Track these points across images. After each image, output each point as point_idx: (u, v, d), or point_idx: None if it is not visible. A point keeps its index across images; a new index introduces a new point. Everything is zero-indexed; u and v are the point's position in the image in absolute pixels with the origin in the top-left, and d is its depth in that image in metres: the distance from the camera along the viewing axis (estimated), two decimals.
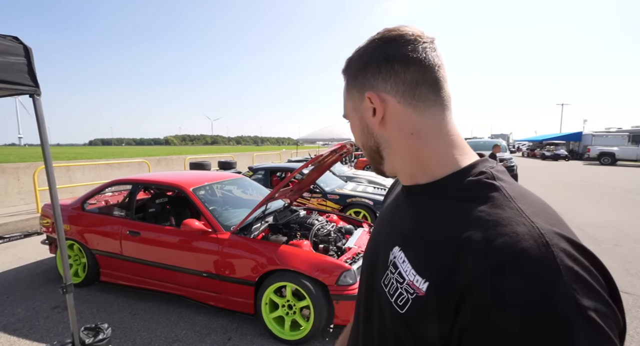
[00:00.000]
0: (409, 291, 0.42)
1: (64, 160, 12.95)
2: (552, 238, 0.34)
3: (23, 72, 1.73)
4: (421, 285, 0.41)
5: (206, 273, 2.59)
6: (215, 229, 2.63)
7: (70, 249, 3.28)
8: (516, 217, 0.37)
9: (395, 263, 0.47)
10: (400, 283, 0.44)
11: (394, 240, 0.50)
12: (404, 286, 0.43)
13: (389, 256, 0.50)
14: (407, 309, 0.42)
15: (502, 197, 0.41)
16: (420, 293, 0.41)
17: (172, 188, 3.24)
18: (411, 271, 0.43)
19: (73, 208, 3.31)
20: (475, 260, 0.36)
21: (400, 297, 0.44)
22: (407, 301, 0.42)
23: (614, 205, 7.05)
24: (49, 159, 1.81)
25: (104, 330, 2.08)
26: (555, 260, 0.32)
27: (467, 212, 0.41)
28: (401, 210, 0.53)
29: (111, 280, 3.10)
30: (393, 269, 0.47)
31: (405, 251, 0.46)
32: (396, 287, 0.45)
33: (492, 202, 0.40)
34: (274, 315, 2.39)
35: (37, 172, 5.84)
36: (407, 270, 0.44)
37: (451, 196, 0.45)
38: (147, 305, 2.87)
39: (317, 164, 3.02)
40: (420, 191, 0.49)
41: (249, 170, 6.17)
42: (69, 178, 7.67)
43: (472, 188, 0.44)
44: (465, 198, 0.43)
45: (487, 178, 0.44)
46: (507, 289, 0.32)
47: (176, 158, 12.17)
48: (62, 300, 2.91)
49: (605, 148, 19.71)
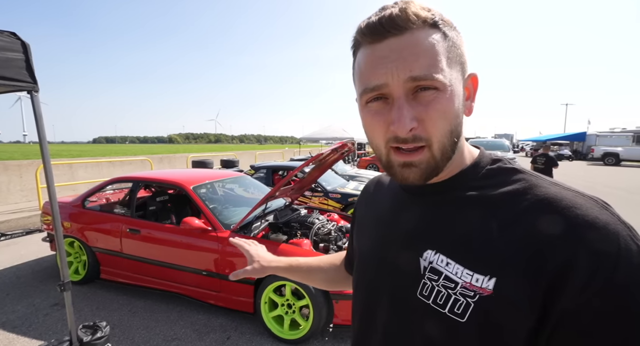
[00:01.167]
0: (467, 294, 0.38)
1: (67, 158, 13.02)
2: (598, 200, 0.38)
3: (21, 68, 1.71)
4: (484, 283, 0.37)
5: (206, 271, 2.57)
6: (215, 227, 2.61)
7: (70, 247, 3.28)
8: (564, 190, 0.39)
9: (436, 269, 0.42)
10: (452, 288, 0.40)
11: (418, 244, 0.45)
12: (459, 291, 0.39)
13: (418, 263, 0.44)
14: (469, 315, 0.38)
15: (534, 177, 0.42)
16: (485, 292, 0.37)
17: (172, 186, 3.22)
18: (464, 271, 0.39)
19: (74, 205, 3.30)
20: (558, 240, 0.35)
21: (456, 305, 0.39)
22: (468, 306, 0.38)
23: (617, 206, 6.81)
24: (47, 156, 1.80)
25: (102, 328, 2.07)
26: (618, 218, 0.35)
27: (514, 198, 0.40)
28: (409, 209, 0.49)
29: (111, 278, 3.09)
30: (434, 276, 0.42)
31: (446, 252, 0.42)
32: (447, 294, 0.40)
33: (530, 183, 0.41)
34: (273, 314, 2.36)
35: (39, 169, 5.86)
36: (457, 272, 0.40)
37: (479, 186, 0.44)
38: (147, 303, 2.86)
39: (318, 163, 2.99)
40: (438, 187, 0.46)
41: (251, 169, 6.15)
42: (71, 175, 7.69)
43: (498, 175, 0.44)
44: (501, 185, 0.42)
45: (505, 164, 0.45)
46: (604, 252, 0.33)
47: (179, 157, 12.19)
48: (61, 298, 2.90)
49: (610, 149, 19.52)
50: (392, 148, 0.42)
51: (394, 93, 0.40)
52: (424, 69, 0.38)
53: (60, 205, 3.24)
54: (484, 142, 13.42)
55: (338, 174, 6.56)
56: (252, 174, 5.85)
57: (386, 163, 0.44)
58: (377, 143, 0.44)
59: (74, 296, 2.21)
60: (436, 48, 0.39)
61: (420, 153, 0.41)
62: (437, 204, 0.46)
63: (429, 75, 0.38)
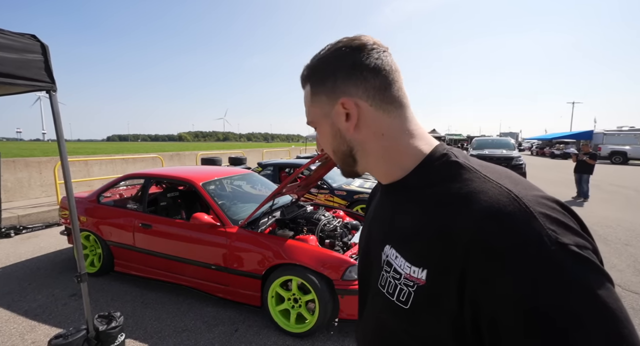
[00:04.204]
0: (409, 284, 0.42)
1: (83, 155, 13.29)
2: (520, 192, 0.38)
3: (40, 69, 1.74)
4: (419, 274, 0.41)
5: (215, 265, 2.60)
6: (223, 223, 2.64)
7: (86, 240, 3.36)
8: (485, 183, 0.40)
9: (389, 262, 0.47)
10: (398, 279, 0.44)
11: (383, 239, 0.50)
12: (402, 281, 0.43)
13: (381, 256, 0.49)
14: (411, 302, 0.42)
15: (467, 171, 0.44)
16: (420, 282, 0.41)
17: (182, 182, 3.26)
18: (405, 264, 0.43)
19: (89, 200, 3.37)
20: (463, 232, 0.37)
21: (401, 293, 0.43)
22: (410, 295, 0.42)
23: (624, 205, 6.79)
24: (64, 153, 1.83)
25: (117, 318, 2.11)
26: (528, 208, 0.35)
27: (442, 194, 0.43)
28: (384, 208, 0.54)
29: (125, 271, 3.16)
30: (388, 268, 0.47)
31: (396, 247, 0.46)
32: (394, 285, 0.45)
33: (461, 177, 0.43)
34: (280, 308, 2.38)
35: (57, 166, 5.99)
36: (401, 265, 0.44)
37: (423, 184, 0.46)
38: (158, 296, 2.91)
39: (324, 160, 2.98)
40: (396, 187, 0.51)
41: (258, 166, 6.18)
42: (87, 172, 7.85)
43: (439, 171, 0.46)
44: (437, 183, 0.45)
45: (449, 158, 0.47)
46: (496, 246, 0.34)
47: (188, 154, 12.32)
48: (79, 288, 2.98)
49: (617, 147, 18.99)
50: None
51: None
52: (306, 116, 0.56)
53: (77, 200, 3.32)
54: (489, 140, 13.19)
55: None
56: (259, 171, 5.88)
57: None
58: None
59: (90, 287, 2.27)
60: (305, 98, 0.54)
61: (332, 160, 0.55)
62: (395, 203, 0.51)
63: (307, 122, 0.56)
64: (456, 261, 0.37)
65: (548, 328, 0.30)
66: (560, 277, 0.31)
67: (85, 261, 3.29)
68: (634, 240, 4.42)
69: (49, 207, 5.80)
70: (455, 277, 0.37)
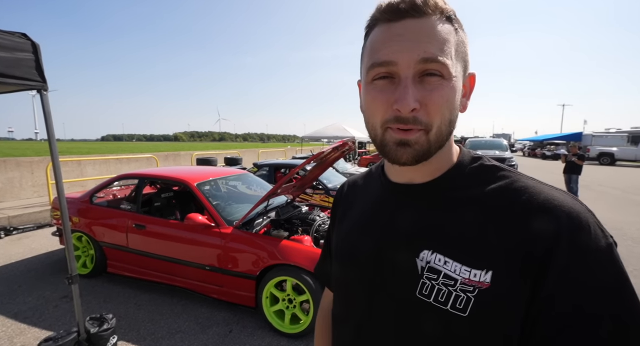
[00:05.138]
0: (467, 290, 0.40)
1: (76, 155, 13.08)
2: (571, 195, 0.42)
3: (31, 68, 1.71)
4: (482, 277, 0.39)
5: (209, 266, 2.58)
6: (218, 223, 2.62)
7: (79, 241, 3.30)
8: (539, 185, 0.42)
9: (434, 268, 0.42)
10: (452, 285, 0.41)
11: (413, 245, 0.45)
12: (459, 287, 0.40)
13: (414, 264, 0.44)
14: (470, 309, 0.39)
15: (513, 173, 0.44)
16: (483, 285, 0.39)
17: (177, 182, 3.23)
18: (463, 268, 0.40)
19: (82, 201, 3.32)
20: (543, 230, 0.37)
21: (457, 301, 0.40)
22: (468, 301, 0.39)
23: (612, 205, 6.92)
24: (56, 153, 1.80)
25: (109, 320, 2.08)
26: (587, 209, 0.40)
27: (499, 193, 0.42)
28: (406, 212, 0.48)
29: (118, 272, 3.11)
30: (432, 275, 0.42)
31: (444, 251, 0.42)
32: (447, 292, 0.41)
33: (511, 179, 0.43)
34: (274, 309, 2.37)
35: (49, 166, 5.89)
36: (456, 270, 0.41)
37: (468, 185, 0.45)
38: (152, 297, 2.88)
39: (320, 161, 2.98)
40: (429, 187, 0.47)
41: (254, 166, 6.15)
42: (80, 172, 7.72)
43: (481, 173, 0.45)
44: (485, 183, 0.44)
45: (485, 161, 0.47)
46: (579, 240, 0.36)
47: (184, 154, 12.21)
48: (70, 290, 2.92)
49: (605, 149, 19.37)
50: (388, 128, 0.42)
51: (401, 73, 0.39)
52: (436, 51, 0.39)
53: (69, 201, 3.26)
54: (482, 141, 13.35)
55: (339, 172, 6.55)
56: (254, 172, 5.85)
57: (380, 142, 0.43)
58: (374, 122, 0.43)
59: (82, 289, 2.23)
60: (449, 37, 0.40)
61: (416, 133, 0.41)
62: (428, 205, 0.46)
63: (440, 59, 0.39)
64: (534, 257, 0.37)
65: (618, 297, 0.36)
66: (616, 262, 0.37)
67: (78, 262, 3.24)
68: (621, 240, 4.49)
69: (41, 207, 5.69)
70: (531, 274, 0.37)
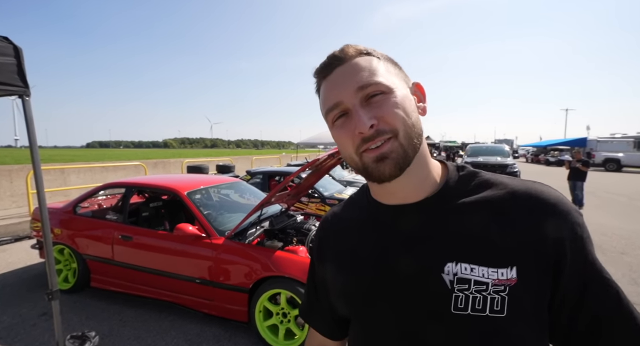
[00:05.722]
0: (499, 290, 0.43)
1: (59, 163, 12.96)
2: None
3: (12, 73, 1.71)
4: (508, 274, 0.43)
5: (199, 279, 2.55)
6: (209, 234, 2.60)
7: (60, 254, 3.25)
8: (521, 182, 0.49)
9: (463, 278, 0.44)
10: (485, 290, 0.43)
11: (433, 262, 0.46)
12: (491, 290, 0.43)
13: (441, 280, 0.45)
14: (507, 307, 0.43)
15: (492, 176, 0.51)
16: (512, 282, 0.43)
17: (166, 191, 3.21)
18: (490, 271, 0.43)
19: (65, 211, 3.28)
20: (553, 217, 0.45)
21: (494, 304, 0.43)
22: (503, 300, 0.43)
23: (620, 213, 7.00)
24: (37, 161, 1.79)
25: (91, 338, 2.04)
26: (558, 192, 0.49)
27: (496, 195, 0.47)
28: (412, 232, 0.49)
29: (102, 286, 3.06)
30: (464, 285, 0.44)
31: (466, 259, 0.45)
32: (482, 298, 0.43)
33: (499, 182, 0.50)
34: (268, 324, 2.34)
35: (30, 174, 5.82)
36: (484, 274, 0.44)
37: (463, 193, 0.49)
38: (138, 312, 2.82)
39: (315, 168, 2.99)
40: (430, 202, 0.50)
41: (247, 174, 6.15)
42: (63, 180, 7.65)
43: (471, 180, 0.51)
44: (479, 188, 0.49)
45: (469, 169, 0.53)
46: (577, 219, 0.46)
47: (174, 162, 12.17)
48: (50, 307, 2.86)
49: (611, 155, 19.66)
50: (363, 152, 0.47)
51: (349, 106, 0.47)
52: (366, 78, 0.46)
53: (51, 211, 3.22)
54: (483, 147, 13.50)
55: (335, 180, 6.57)
56: (248, 180, 5.85)
57: (362, 167, 0.48)
58: (349, 154, 0.48)
59: (63, 306, 2.19)
60: (373, 64, 0.48)
61: (387, 144, 0.45)
62: (435, 219, 0.49)
63: (371, 81, 0.46)
64: (549, 241, 0.43)
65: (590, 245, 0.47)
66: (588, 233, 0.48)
67: (59, 277, 3.18)
68: (630, 249, 4.54)
69: (19, 218, 5.60)
70: (551, 254, 0.43)
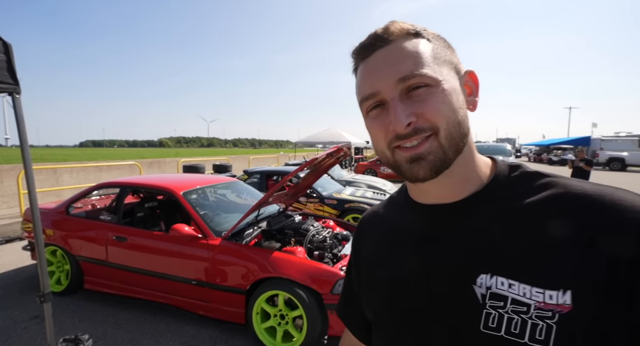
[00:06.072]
0: (545, 316, 0.36)
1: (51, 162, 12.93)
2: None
3: (2, 69, 1.71)
4: (560, 299, 0.35)
5: (195, 280, 2.56)
6: (205, 235, 2.61)
7: (53, 255, 3.25)
8: (596, 186, 0.40)
9: (498, 294, 0.39)
10: (525, 312, 0.37)
11: (466, 271, 0.42)
12: (534, 313, 0.36)
13: (473, 292, 0.41)
14: (554, 339, 0.35)
15: (560, 178, 0.43)
16: (564, 309, 0.35)
17: (161, 191, 3.22)
18: (534, 290, 0.37)
19: (57, 212, 3.28)
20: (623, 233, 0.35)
21: (535, 331, 0.36)
22: (550, 329, 0.35)
23: None
24: (29, 160, 1.80)
25: (84, 341, 2.04)
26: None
27: (555, 201, 0.40)
28: (450, 235, 0.45)
29: (95, 288, 3.06)
30: (498, 302, 0.39)
31: (505, 273, 0.39)
32: (521, 321, 0.37)
33: (561, 184, 0.42)
34: (265, 326, 2.35)
35: (21, 174, 5.81)
36: (525, 293, 0.37)
37: (512, 196, 0.43)
38: (133, 315, 2.83)
39: (314, 167, 3.00)
40: (470, 203, 0.44)
41: (244, 174, 6.16)
42: (55, 180, 7.63)
43: (526, 181, 0.44)
44: (534, 192, 0.42)
45: (526, 168, 0.46)
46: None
47: (169, 161, 12.16)
48: (42, 310, 2.86)
49: (615, 154, 19.75)
50: (395, 147, 0.43)
51: (387, 98, 0.42)
52: (410, 68, 0.41)
53: (43, 212, 3.21)
54: (484, 146, 13.54)
55: (334, 179, 6.58)
56: (245, 179, 5.85)
57: (393, 163, 0.45)
58: (381, 148, 0.45)
59: (56, 308, 2.19)
60: (420, 49, 0.42)
61: (425, 143, 0.41)
62: (475, 223, 0.43)
63: (416, 73, 0.41)
64: (623, 260, 0.34)
65: None
66: None
67: (51, 279, 3.18)
68: None
69: (10, 219, 5.59)
70: (624, 278, 0.34)
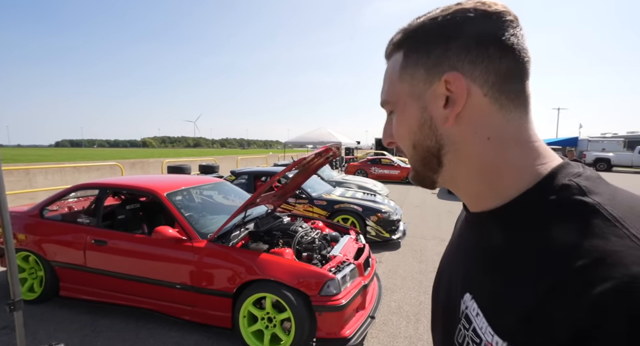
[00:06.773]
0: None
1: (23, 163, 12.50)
2: None
3: None
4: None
5: (180, 284, 2.53)
6: (190, 237, 2.58)
7: (25, 261, 3.15)
8: (628, 250, 0.29)
9: (468, 316, 0.39)
10: (477, 344, 0.37)
11: (462, 284, 0.43)
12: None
13: (459, 305, 0.42)
14: None
15: (602, 220, 0.32)
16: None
17: (144, 193, 3.17)
18: (488, 328, 0.35)
19: (30, 215, 3.18)
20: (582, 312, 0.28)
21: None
22: None
23: None
24: None
25: None
26: None
27: (555, 246, 0.32)
28: (467, 243, 0.46)
29: (72, 295, 2.98)
30: (466, 324, 0.40)
31: (479, 301, 0.38)
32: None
33: (588, 229, 0.32)
34: (252, 329, 2.35)
35: None
36: (482, 327, 0.36)
37: (529, 225, 0.36)
38: (113, 322, 2.77)
39: (302, 168, 3.02)
40: (488, 219, 0.41)
41: (232, 175, 6.12)
42: (28, 182, 7.39)
43: (555, 210, 0.35)
44: (550, 227, 0.34)
45: (574, 194, 0.35)
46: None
47: (153, 162, 11.96)
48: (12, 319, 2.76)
49: (601, 154, 20.54)
50: None
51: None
52: (383, 96, 0.46)
53: (13, 215, 3.12)
54: None
55: (324, 180, 6.61)
56: (232, 180, 5.81)
57: None
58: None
59: (28, 317, 2.13)
60: (390, 71, 0.45)
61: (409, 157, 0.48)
62: (483, 240, 0.42)
63: (383, 99, 0.46)
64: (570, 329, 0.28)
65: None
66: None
67: (23, 286, 3.08)
68: None
69: None
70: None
